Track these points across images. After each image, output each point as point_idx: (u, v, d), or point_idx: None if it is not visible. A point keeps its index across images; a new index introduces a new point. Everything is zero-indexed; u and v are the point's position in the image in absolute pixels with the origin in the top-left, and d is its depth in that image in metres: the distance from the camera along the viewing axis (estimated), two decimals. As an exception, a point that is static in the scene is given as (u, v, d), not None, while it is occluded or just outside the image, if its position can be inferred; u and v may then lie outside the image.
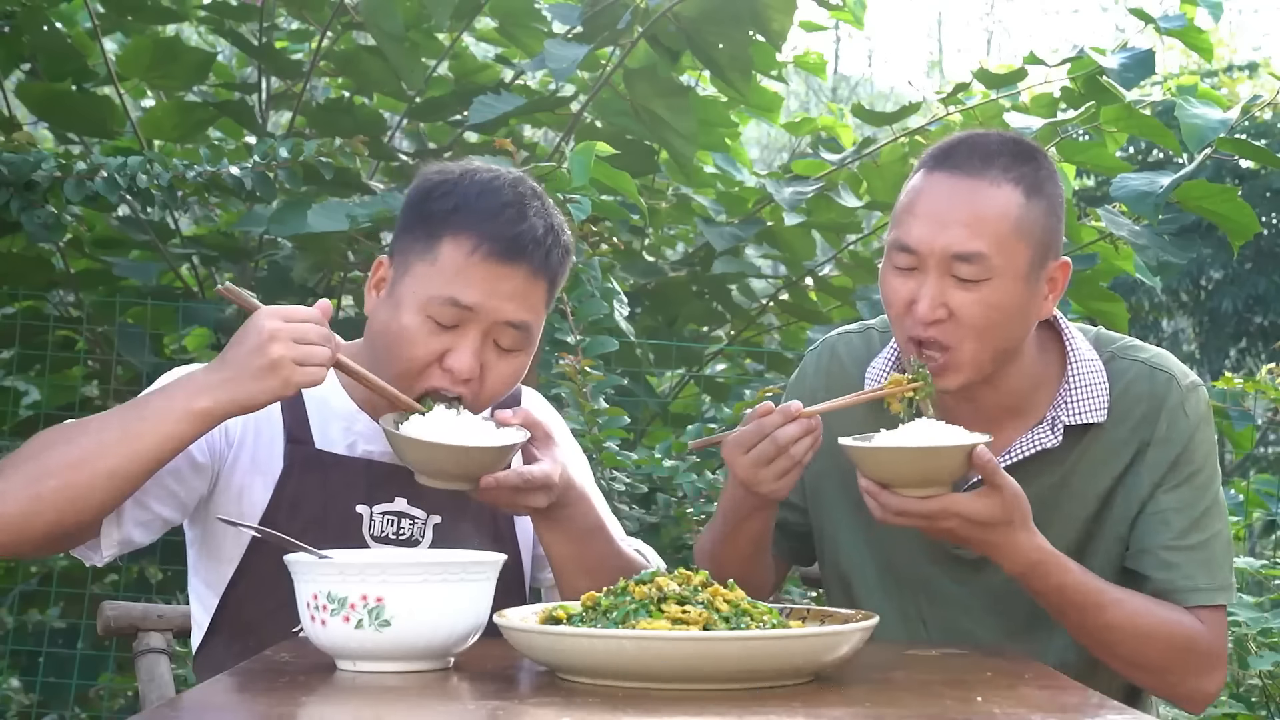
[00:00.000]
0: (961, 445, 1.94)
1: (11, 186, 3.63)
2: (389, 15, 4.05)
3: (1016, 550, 2.01)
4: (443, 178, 2.04)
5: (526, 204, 2.01)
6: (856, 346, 2.32)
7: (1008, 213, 2.04)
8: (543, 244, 2.00)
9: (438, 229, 1.99)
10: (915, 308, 2.05)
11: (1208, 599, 2.12)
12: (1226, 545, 2.17)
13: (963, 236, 2.03)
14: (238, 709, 1.53)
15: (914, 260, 2.06)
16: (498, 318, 1.98)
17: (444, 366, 1.98)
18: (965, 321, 2.05)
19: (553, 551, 2.05)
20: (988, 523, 1.97)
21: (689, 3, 3.91)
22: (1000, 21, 29.09)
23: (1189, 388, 2.19)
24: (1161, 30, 4.06)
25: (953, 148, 2.11)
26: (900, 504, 1.96)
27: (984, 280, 2.03)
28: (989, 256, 2.03)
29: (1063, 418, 2.15)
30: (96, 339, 4.36)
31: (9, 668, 4.27)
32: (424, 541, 2.09)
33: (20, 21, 4.17)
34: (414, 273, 2.00)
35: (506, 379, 2.02)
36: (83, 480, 1.83)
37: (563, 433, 2.25)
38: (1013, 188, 2.05)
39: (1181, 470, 2.16)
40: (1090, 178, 7.58)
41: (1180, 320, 11.55)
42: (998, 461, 2.11)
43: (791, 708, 1.48)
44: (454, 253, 1.98)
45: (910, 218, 2.08)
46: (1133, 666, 2.11)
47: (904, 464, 1.96)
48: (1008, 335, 2.09)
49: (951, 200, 2.05)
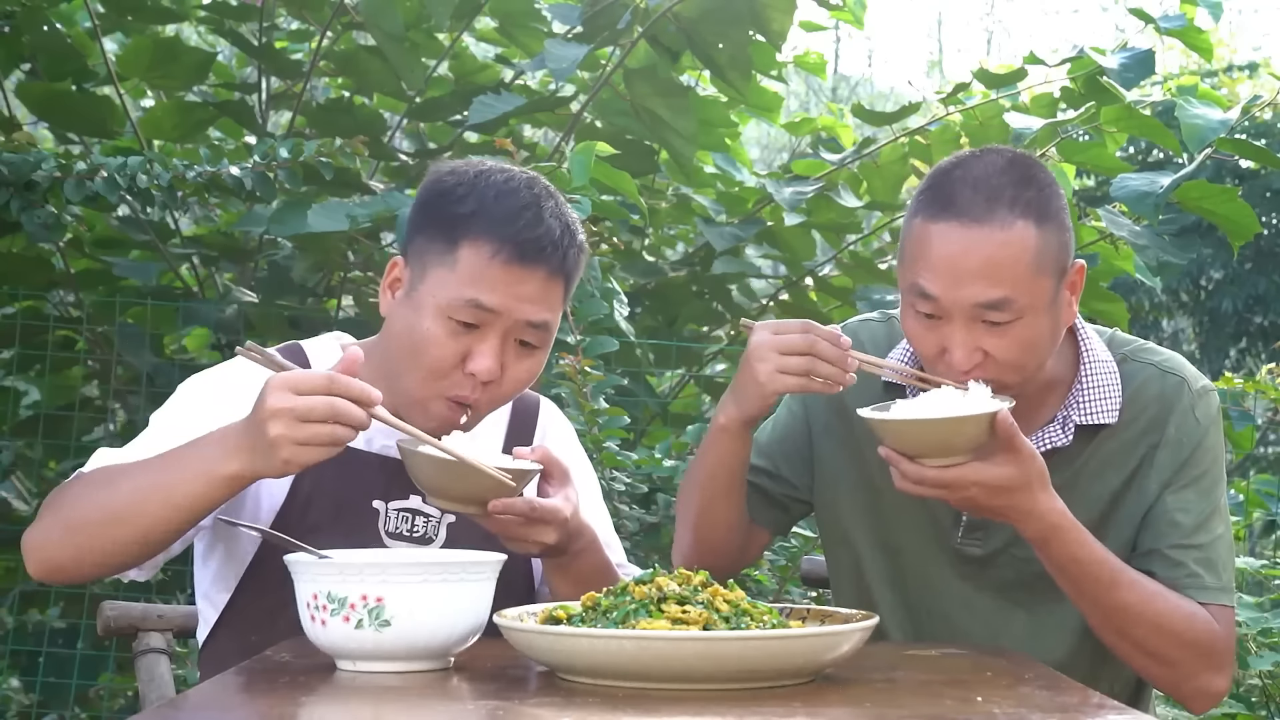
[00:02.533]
0: (983, 413, 1.92)
1: (11, 186, 3.63)
2: (389, 15, 4.05)
3: (1038, 511, 1.99)
4: (457, 180, 2.03)
5: (543, 205, 2.02)
6: (878, 335, 2.30)
7: (1025, 253, 2.01)
8: (560, 245, 2.01)
9: (456, 233, 1.99)
10: (949, 357, 2.04)
11: (1212, 597, 2.11)
12: (1229, 549, 2.17)
13: (984, 288, 2.00)
14: (238, 709, 1.53)
15: (937, 308, 2.04)
16: (519, 318, 1.99)
17: (466, 370, 1.98)
18: (1003, 360, 2.03)
19: (558, 593, 2.05)
20: (1009, 487, 1.96)
21: (689, 3, 3.91)
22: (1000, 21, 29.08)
23: (1200, 392, 2.19)
24: (1161, 30, 4.06)
25: (952, 189, 2.04)
26: (920, 473, 1.95)
27: (1014, 321, 2.02)
28: (1015, 300, 2.00)
29: (1074, 417, 2.15)
30: (96, 339, 4.36)
31: (9, 668, 4.27)
32: (438, 540, 2.09)
33: (20, 21, 4.17)
34: (432, 277, 1.99)
35: (523, 377, 2.03)
36: (120, 535, 1.85)
37: (575, 453, 2.27)
38: (1024, 223, 2.01)
39: (1189, 472, 2.15)
40: (1090, 178, 7.57)
41: (1180, 320, 11.55)
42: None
43: (791, 708, 1.48)
44: (474, 257, 1.97)
45: (925, 268, 2.03)
46: (1144, 654, 2.08)
47: (926, 434, 1.94)
48: (1045, 355, 2.09)
49: (966, 252, 2.00)
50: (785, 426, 2.34)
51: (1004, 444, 1.94)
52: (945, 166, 2.11)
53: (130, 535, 1.85)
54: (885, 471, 2.20)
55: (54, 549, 1.88)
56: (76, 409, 4.29)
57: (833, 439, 2.29)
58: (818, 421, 2.31)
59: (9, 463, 4.20)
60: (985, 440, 1.95)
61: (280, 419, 1.70)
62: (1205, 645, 2.08)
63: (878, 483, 2.20)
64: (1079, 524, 2.03)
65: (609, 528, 2.24)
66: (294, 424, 1.70)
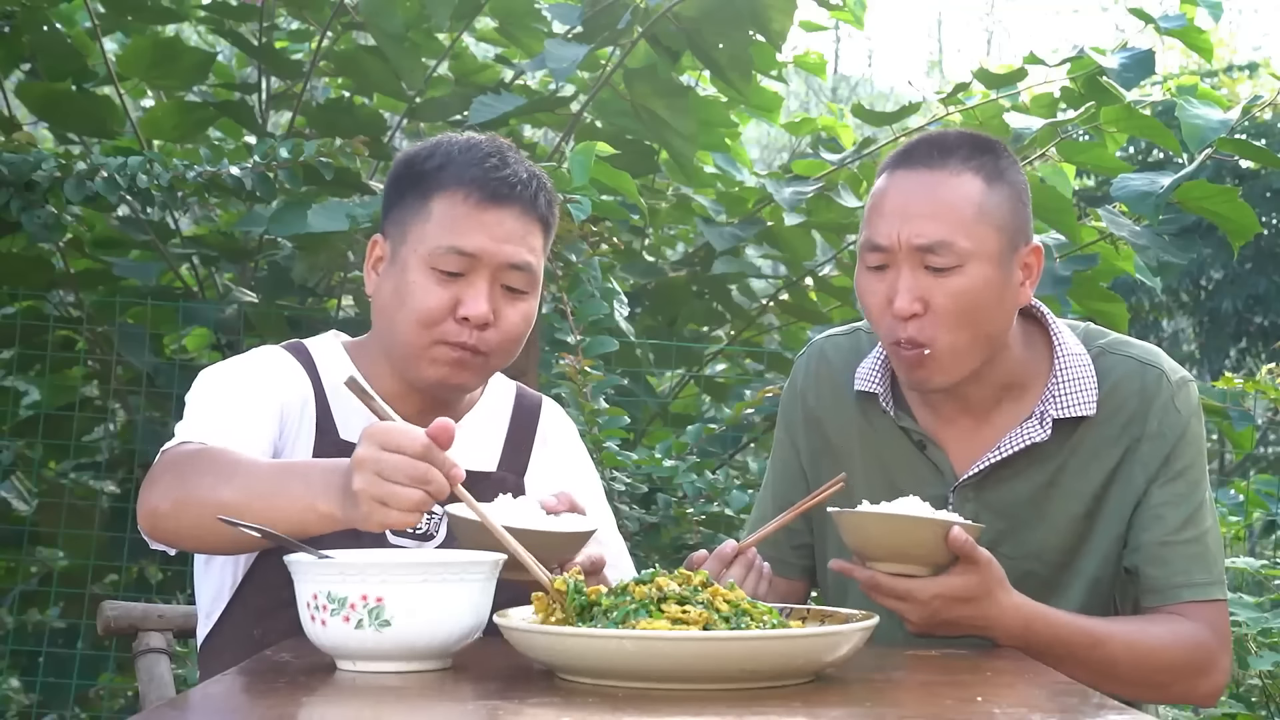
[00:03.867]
0: (939, 520, 1.93)
1: (11, 186, 3.63)
2: (389, 15, 4.05)
3: (1005, 614, 2.00)
4: (423, 145, 2.13)
5: (506, 154, 2.10)
6: (845, 349, 2.33)
7: (970, 198, 2.07)
8: (529, 186, 2.08)
9: (428, 189, 2.07)
10: (892, 305, 2.08)
11: (1204, 594, 2.12)
12: (1217, 540, 2.18)
13: (928, 227, 2.06)
14: (238, 709, 1.53)
15: (884, 258, 2.09)
16: (501, 259, 2.04)
17: (458, 316, 2.03)
18: (942, 312, 2.06)
19: None
20: (971, 596, 1.96)
21: (689, 3, 3.91)
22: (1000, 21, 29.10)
23: (1179, 383, 2.19)
24: (1161, 30, 4.06)
25: (913, 146, 2.14)
26: (874, 579, 1.96)
27: (956, 268, 2.06)
28: (956, 243, 2.06)
29: (1051, 411, 2.16)
30: (96, 339, 4.36)
31: (9, 668, 4.27)
32: (439, 536, 2.10)
33: (20, 21, 4.17)
34: (412, 235, 2.06)
35: (519, 321, 2.08)
36: (221, 531, 1.79)
37: (577, 451, 2.29)
38: (973, 175, 2.09)
39: (1174, 465, 2.16)
40: (1090, 178, 7.57)
41: (1180, 320, 11.54)
42: (989, 459, 2.12)
43: (791, 708, 1.48)
44: (447, 206, 2.05)
45: (876, 217, 2.11)
46: (1139, 689, 2.11)
47: (880, 530, 1.94)
48: (987, 323, 2.10)
49: (914, 194, 2.09)
50: (784, 464, 2.35)
51: (962, 556, 1.95)
52: (913, 139, 2.18)
53: (229, 534, 1.80)
54: (862, 470, 2.21)
55: (162, 518, 1.87)
56: (76, 409, 4.29)
57: (813, 454, 2.31)
58: (800, 443, 2.33)
59: (9, 463, 4.20)
60: (940, 556, 1.94)
61: (364, 471, 1.64)
62: (1194, 661, 2.11)
63: (855, 483, 2.22)
64: (1042, 606, 2.04)
65: (612, 526, 2.25)
66: (375, 480, 1.63)
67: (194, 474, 1.87)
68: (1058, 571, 2.18)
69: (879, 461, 2.24)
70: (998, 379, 2.16)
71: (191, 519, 1.84)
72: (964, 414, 2.18)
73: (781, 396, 2.41)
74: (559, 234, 3.37)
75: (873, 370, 2.24)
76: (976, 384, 2.15)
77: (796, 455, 2.33)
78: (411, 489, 1.62)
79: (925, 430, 2.20)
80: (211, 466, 1.87)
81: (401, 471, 1.62)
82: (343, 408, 2.10)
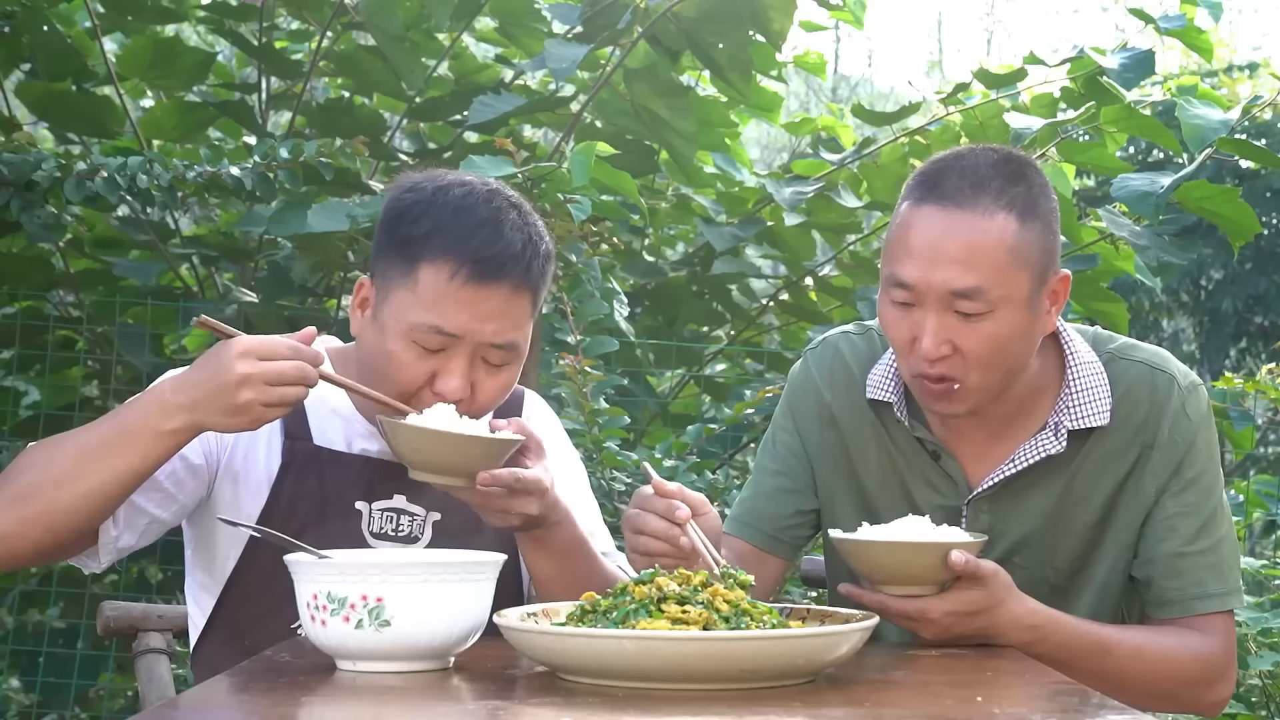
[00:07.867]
0: (941, 543, 1.93)
1: (11, 186, 3.64)
2: (389, 15, 4.05)
3: (1014, 623, 1.99)
4: (415, 198, 2.01)
5: (502, 219, 1.99)
6: (859, 348, 2.28)
7: (1003, 242, 2.00)
8: (521, 259, 1.98)
9: (414, 254, 1.97)
10: (919, 345, 2.02)
11: (1218, 605, 2.12)
12: (1234, 547, 2.16)
13: (959, 273, 1.99)
14: (238, 709, 1.53)
15: (911, 296, 2.02)
16: (483, 339, 1.96)
17: (434, 390, 1.97)
18: (971, 355, 2.02)
19: (535, 569, 2.04)
20: (980, 609, 1.97)
21: (689, 3, 3.91)
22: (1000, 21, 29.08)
23: (1189, 388, 2.17)
24: (1161, 30, 4.06)
25: (940, 175, 2.04)
26: (881, 602, 1.95)
27: (986, 313, 2.00)
28: (988, 290, 1.99)
29: (1066, 422, 2.13)
30: (96, 339, 4.36)
31: (9, 668, 4.27)
32: (424, 538, 2.09)
33: (20, 21, 4.17)
34: (395, 299, 1.98)
35: (497, 393, 2.02)
36: (65, 500, 1.86)
37: (560, 443, 2.25)
38: (1006, 215, 2.00)
39: (1186, 474, 2.14)
40: (1090, 178, 7.57)
41: (1180, 320, 11.53)
42: (1003, 471, 2.11)
43: (791, 708, 1.48)
44: (433, 279, 1.95)
45: (903, 252, 2.03)
46: (1146, 698, 2.10)
47: (884, 556, 1.95)
48: (1014, 360, 2.07)
49: (945, 235, 2.00)
50: (787, 445, 2.32)
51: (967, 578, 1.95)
52: (939, 157, 2.11)
53: (75, 498, 1.86)
54: (875, 475, 2.20)
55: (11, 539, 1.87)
56: (76, 409, 4.29)
57: (825, 449, 2.28)
58: (810, 437, 2.29)
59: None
60: (946, 574, 1.94)
61: (251, 384, 1.80)
62: (1202, 672, 2.11)
63: (868, 487, 2.21)
64: (1052, 612, 2.04)
65: (596, 517, 2.22)
66: (263, 388, 1.81)
67: (16, 472, 1.90)
68: (1069, 578, 2.17)
69: (893, 467, 2.21)
70: (1011, 394, 2.12)
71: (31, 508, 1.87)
72: (978, 427, 2.15)
73: (790, 386, 2.34)
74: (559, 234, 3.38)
75: (885, 378, 2.20)
76: (994, 402, 2.11)
77: (801, 442, 2.29)
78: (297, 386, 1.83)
79: (939, 440, 2.18)
80: (32, 455, 1.91)
81: (288, 372, 1.82)
82: (320, 414, 2.08)
